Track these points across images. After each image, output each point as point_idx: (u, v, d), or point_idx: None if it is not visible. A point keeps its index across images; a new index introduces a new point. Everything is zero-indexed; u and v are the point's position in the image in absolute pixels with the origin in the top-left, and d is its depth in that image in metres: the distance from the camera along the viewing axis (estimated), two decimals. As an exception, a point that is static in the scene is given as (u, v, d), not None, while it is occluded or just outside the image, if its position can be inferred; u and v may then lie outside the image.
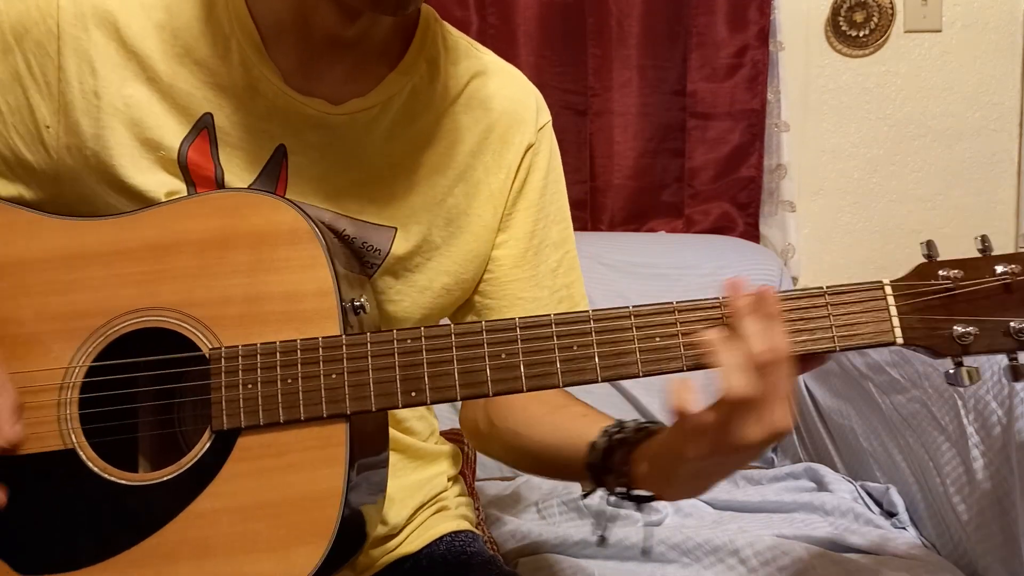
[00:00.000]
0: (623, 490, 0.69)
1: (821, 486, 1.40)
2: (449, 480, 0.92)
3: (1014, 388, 1.05)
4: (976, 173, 2.11)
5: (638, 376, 0.62)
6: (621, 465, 0.68)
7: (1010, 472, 1.03)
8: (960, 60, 2.08)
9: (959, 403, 1.15)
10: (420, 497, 0.86)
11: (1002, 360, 0.62)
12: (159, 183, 0.71)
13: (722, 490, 1.44)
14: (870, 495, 1.35)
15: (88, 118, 0.70)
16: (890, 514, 1.30)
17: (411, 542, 0.85)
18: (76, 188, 0.72)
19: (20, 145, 0.71)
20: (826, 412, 1.57)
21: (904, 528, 1.25)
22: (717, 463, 0.62)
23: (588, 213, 2.03)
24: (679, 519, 1.29)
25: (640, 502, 0.69)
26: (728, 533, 1.14)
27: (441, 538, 0.86)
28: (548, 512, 1.33)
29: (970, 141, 2.10)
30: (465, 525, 0.90)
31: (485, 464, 1.56)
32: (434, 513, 0.88)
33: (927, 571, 1.06)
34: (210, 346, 0.63)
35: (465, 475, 1.03)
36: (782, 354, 0.58)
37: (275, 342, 0.63)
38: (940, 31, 2.06)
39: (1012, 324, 0.61)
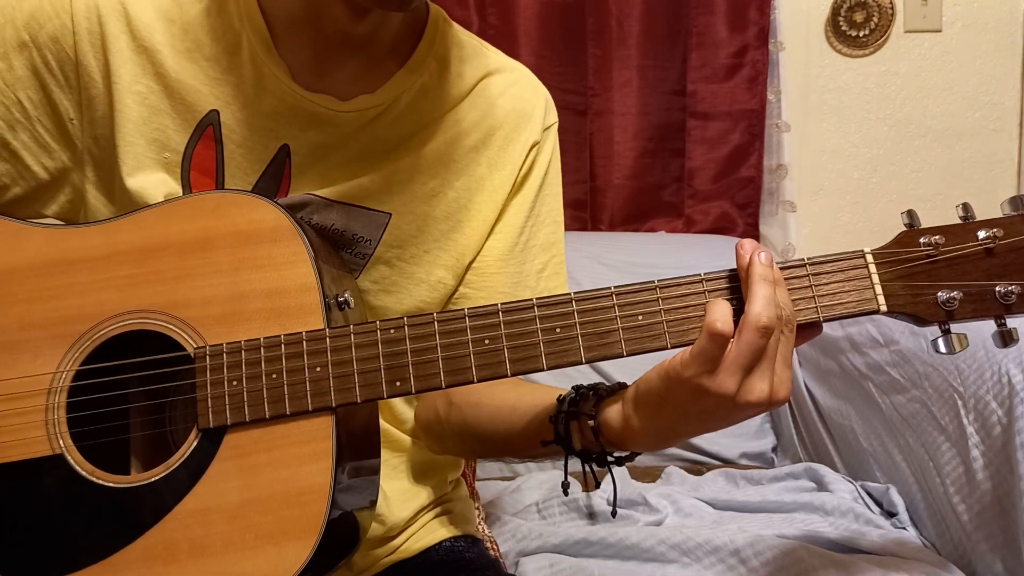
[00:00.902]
0: (590, 442, 0.67)
1: (821, 486, 1.39)
2: (451, 483, 0.91)
3: (1014, 388, 1.05)
4: (976, 173, 2.10)
5: (622, 355, 0.62)
6: (590, 410, 0.67)
7: (1010, 472, 1.03)
8: (960, 60, 2.07)
9: (959, 403, 1.15)
10: (421, 499, 0.86)
11: (1002, 359, 0.62)
12: (159, 182, 0.71)
13: (722, 490, 1.44)
14: (870, 495, 1.35)
15: (109, 111, 0.71)
16: (890, 514, 1.30)
17: (411, 545, 0.84)
18: (89, 183, 0.72)
19: (47, 136, 0.72)
20: (826, 412, 1.57)
21: (904, 528, 1.25)
22: (706, 410, 0.60)
23: (588, 213, 2.03)
24: (679, 519, 1.29)
25: (605, 459, 0.68)
26: (728, 533, 1.14)
27: (441, 543, 0.86)
28: (548, 512, 1.33)
29: (970, 141, 2.10)
30: (467, 530, 0.89)
31: (485, 464, 1.56)
32: (436, 517, 0.87)
33: (927, 571, 1.06)
34: (195, 345, 0.63)
35: (465, 475, 1.02)
36: (792, 316, 0.59)
37: (259, 338, 0.63)
38: (940, 31, 2.06)
39: (998, 288, 0.60)
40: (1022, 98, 2.08)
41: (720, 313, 0.58)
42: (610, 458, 0.68)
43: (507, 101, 0.81)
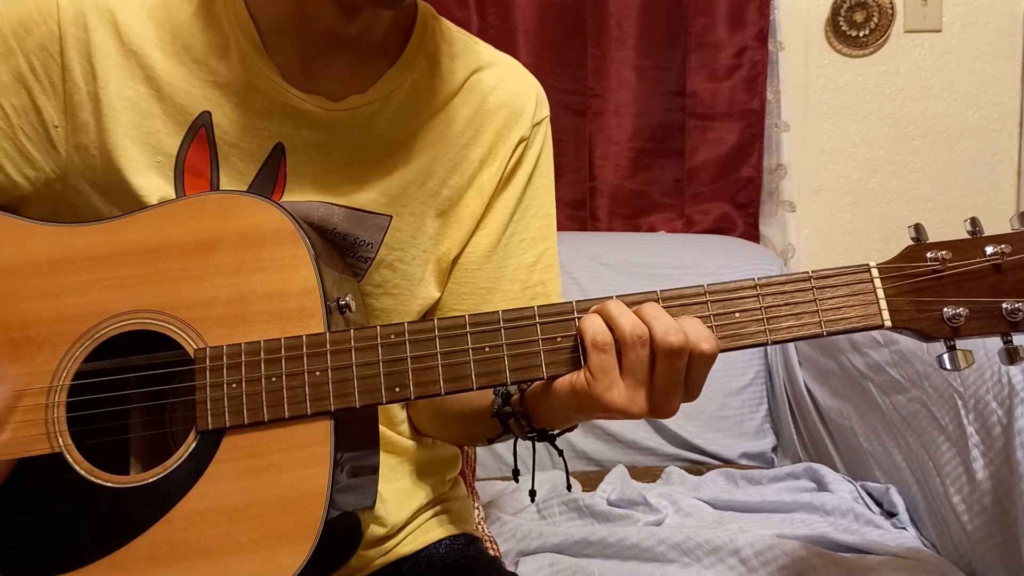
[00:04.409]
0: (525, 425, 0.72)
1: (821, 486, 1.40)
2: (449, 482, 0.91)
3: (1014, 388, 1.05)
4: (976, 173, 2.10)
5: None
6: (517, 405, 0.72)
7: (1010, 472, 1.03)
8: (960, 60, 2.07)
9: (959, 403, 1.15)
10: (419, 500, 0.86)
11: (1004, 362, 0.62)
12: (154, 187, 0.71)
13: (722, 490, 1.44)
14: (870, 495, 1.35)
15: (93, 119, 0.70)
16: (890, 514, 1.30)
17: (408, 543, 0.84)
18: (73, 191, 0.72)
19: (29, 145, 0.71)
20: (826, 412, 1.57)
21: (904, 528, 1.25)
22: (586, 405, 0.63)
23: (588, 213, 2.03)
24: (679, 519, 1.29)
25: (543, 437, 0.74)
26: (728, 533, 1.14)
27: (440, 541, 0.86)
28: (548, 512, 1.33)
29: (970, 141, 2.09)
30: (465, 529, 0.89)
31: (485, 464, 1.57)
32: (434, 516, 0.87)
33: (927, 571, 1.06)
34: (195, 347, 0.63)
35: (465, 475, 1.02)
36: (645, 337, 0.60)
37: (259, 341, 0.63)
38: (940, 31, 2.06)
39: (1004, 305, 0.60)
40: (1022, 98, 2.08)
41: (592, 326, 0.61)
42: (546, 432, 0.73)
43: (498, 96, 0.81)
